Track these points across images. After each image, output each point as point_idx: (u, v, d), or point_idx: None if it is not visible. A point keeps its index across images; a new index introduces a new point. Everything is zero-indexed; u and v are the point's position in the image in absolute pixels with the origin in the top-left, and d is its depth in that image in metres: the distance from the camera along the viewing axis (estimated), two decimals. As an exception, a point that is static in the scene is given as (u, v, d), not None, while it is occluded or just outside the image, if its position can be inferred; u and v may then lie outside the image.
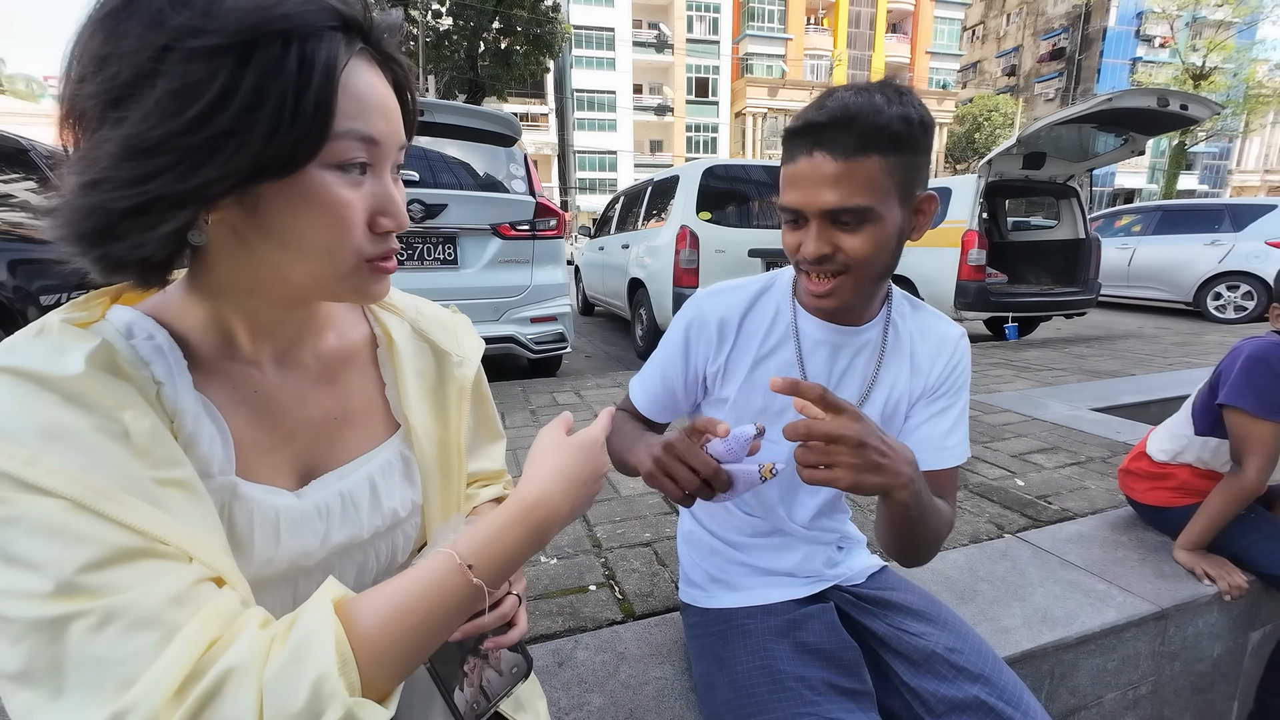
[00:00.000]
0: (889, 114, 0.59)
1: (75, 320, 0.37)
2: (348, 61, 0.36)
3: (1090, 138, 4.46)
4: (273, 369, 0.46)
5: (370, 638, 0.33)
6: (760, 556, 0.84)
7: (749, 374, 0.77)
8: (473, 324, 0.64)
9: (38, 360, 0.32)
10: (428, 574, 0.37)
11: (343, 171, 0.37)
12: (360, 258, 0.40)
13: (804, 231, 0.65)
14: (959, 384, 0.76)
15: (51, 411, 0.31)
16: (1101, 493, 1.56)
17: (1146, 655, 1.07)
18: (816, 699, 0.67)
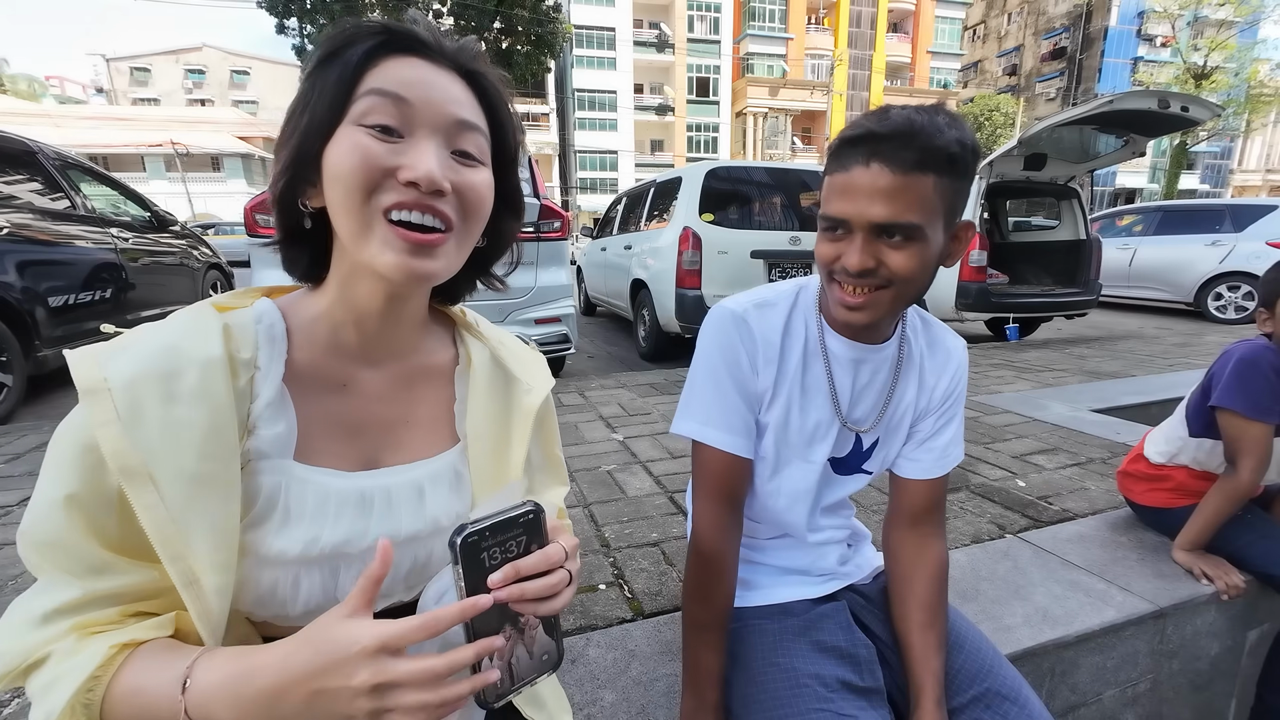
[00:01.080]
0: (948, 135, 0.59)
1: (221, 304, 0.48)
2: (383, 58, 0.44)
3: (1091, 139, 4.48)
4: (364, 367, 0.52)
5: (116, 699, 0.38)
6: (774, 556, 0.86)
7: (788, 397, 0.76)
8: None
9: (182, 338, 0.42)
10: (159, 691, 0.37)
11: (363, 128, 0.43)
12: (376, 208, 0.43)
13: (846, 243, 0.63)
14: (959, 395, 0.80)
15: (152, 386, 0.40)
16: (1101, 493, 1.59)
17: (1145, 653, 1.09)
18: (831, 695, 0.69)
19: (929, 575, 0.77)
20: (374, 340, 0.51)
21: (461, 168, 0.46)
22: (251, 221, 2.63)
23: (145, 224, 4.47)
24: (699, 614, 0.74)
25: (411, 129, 0.44)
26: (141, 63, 36.61)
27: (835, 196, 0.63)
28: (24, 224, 3.11)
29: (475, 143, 0.47)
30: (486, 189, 0.49)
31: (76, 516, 0.39)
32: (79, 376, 0.39)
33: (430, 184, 0.43)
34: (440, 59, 0.46)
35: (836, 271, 0.65)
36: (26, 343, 2.98)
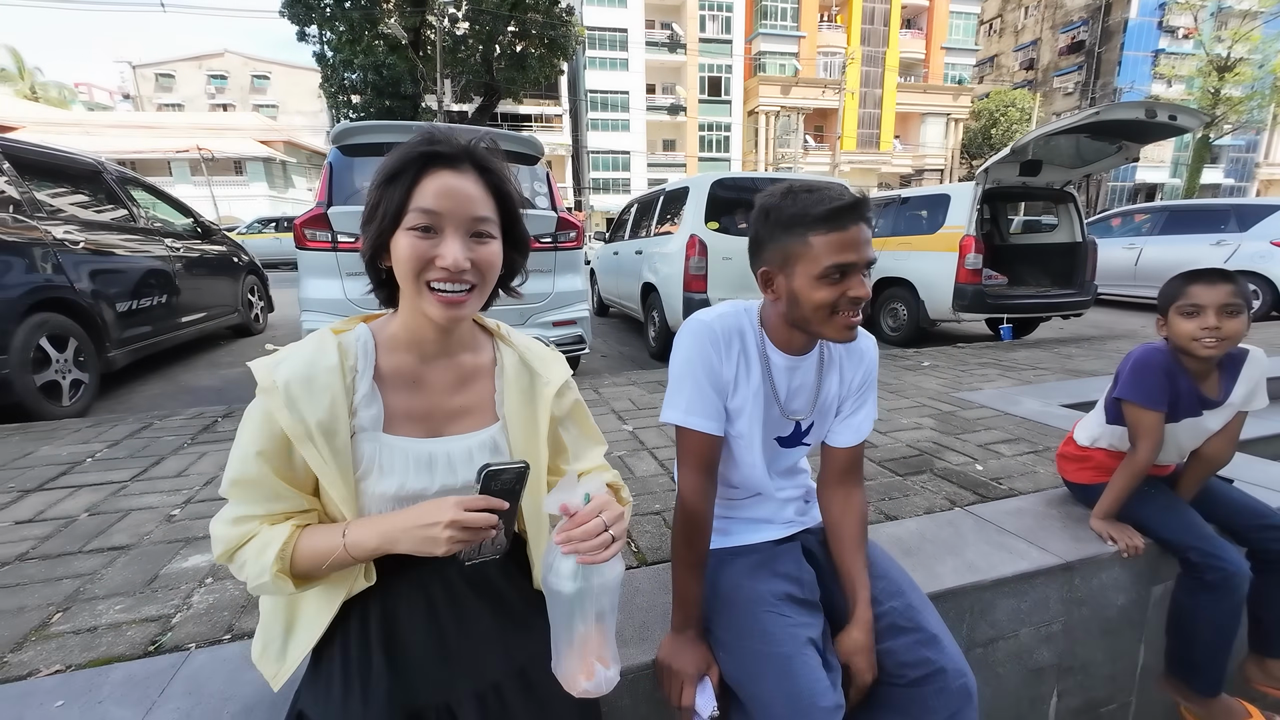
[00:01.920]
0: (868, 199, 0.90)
1: (336, 328, 0.76)
2: (425, 176, 0.69)
3: (1085, 146, 4.64)
4: (430, 368, 0.78)
5: (300, 555, 0.69)
6: (746, 510, 1.12)
7: (745, 391, 1.00)
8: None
9: (315, 354, 0.71)
10: (330, 538, 0.69)
11: (412, 231, 0.68)
12: (422, 281, 0.70)
13: (849, 281, 0.87)
14: (871, 382, 1.07)
15: (299, 387, 0.68)
16: (1048, 476, 1.82)
17: (1056, 600, 1.33)
18: (778, 604, 0.96)
19: (854, 519, 1.04)
20: (433, 351, 0.78)
21: (477, 245, 0.71)
22: (301, 236, 2.92)
23: (191, 232, 4.82)
24: (685, 555, 0.99)
25: (443, 229, 0.69)
26: (166, 69, 37.57)
27: (843, 250, 0.85)
28: (94, 237, 3.46)
29: (486, 225, 0.71)
30: (496, 256, 0.74)
31: (264, 463, 0.68)
32: (260, 378, 0.68)
33: (456, 268, 0.68)
34: (462, 163, 0.70)
35: (843, 304, 0.88)
36: (99, 344, 3.33)
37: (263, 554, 0.67)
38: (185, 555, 1.37)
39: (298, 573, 0.69)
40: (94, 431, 2.34)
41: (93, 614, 1.14)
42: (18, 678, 0.96)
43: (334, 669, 0.71)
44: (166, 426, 2.39)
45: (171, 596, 1.20)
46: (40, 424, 2.51)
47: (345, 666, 0.71)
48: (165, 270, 4.11)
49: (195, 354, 4.72)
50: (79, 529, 1.50)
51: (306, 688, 0.74)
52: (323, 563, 0.68)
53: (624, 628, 1.09)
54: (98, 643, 1.06)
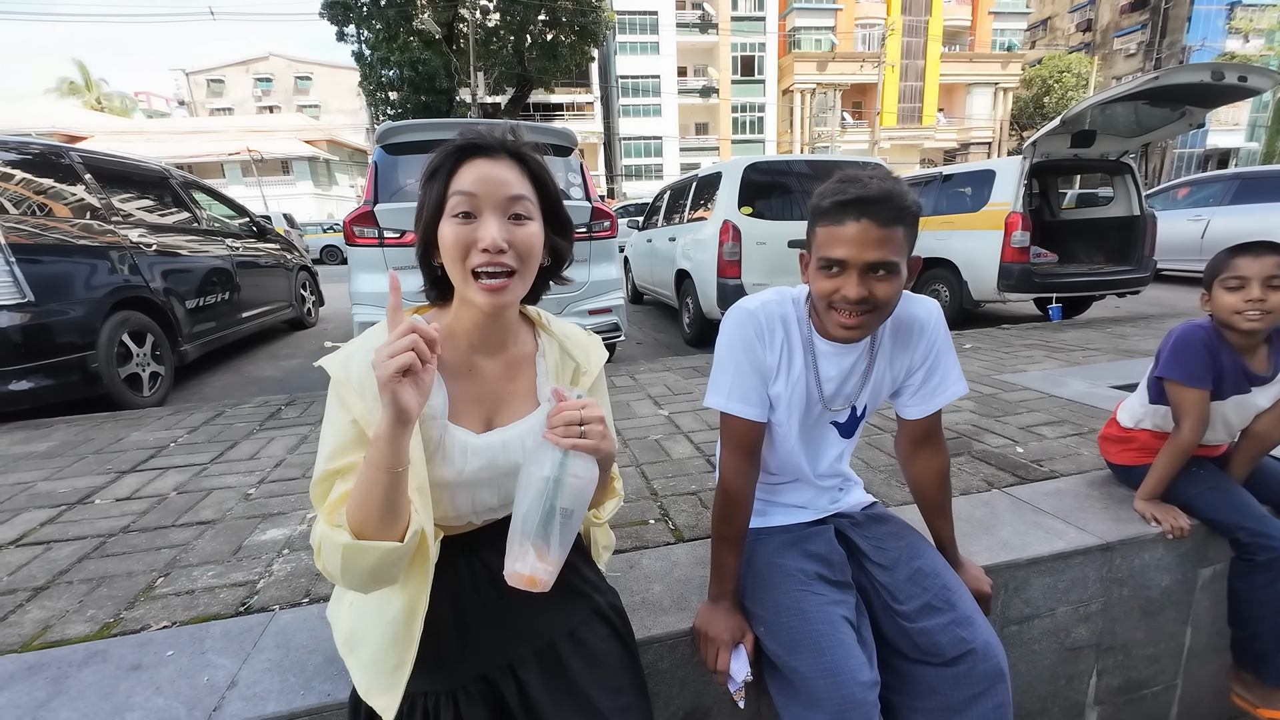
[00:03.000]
0: (910, 199, 0.85)
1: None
2: (462, 165, 0.72)
3: (1143, 113, 4.39)
4: (482, 358, 0.82)
5: (348, 506, 0.65)
6: (783, 495, 1.17)
7: (789, 379, 1.01)
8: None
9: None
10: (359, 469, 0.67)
11: (454, 218, 0.71)
12: (468, 269, 0.71)
13: (844, 278, 0.86)
14: (939, 347, 1.05)
15: (374, 380, 0.68)
16: (1092, 458, 1.79)
17: (1095, 579, 1.33)
18: (810, 582, 1.00)
19: (933, 482, 1.12)
20: (484, 340, 0.81)
21: (515, 227, 0.72)
22: (350, 233, 3.08)
23: (248, 232, 5.11)
24: (724, 531, 1.05)
25: (481, 211, 0.71)
26: (216, 74, 39.30)
27: (835, 244, 0.85)
28: (164, 240, 3.72)
29: (523, 206, 0.73)
30: (535, 237, 0.74)
31: (353, 449, 0.70)
32: (334, 377, 0.71)
33: (494, 246, 0.70)
34: (498, 153, 0.73)
35: (836, 301, 0.88)
36: (172, 339, 3.60)
37: (321, 518, 0.68)
38: (264, 529, 1.51)
39: (351, 516, 0.64)
40: (174, 419, 2.56)
41: (189, 579, 1.29)
42: (134, 630, 1.10)
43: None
44: (237, 414, 2.59)
45: (255, 565, 1.34)
46: (128, 412, 2.75)
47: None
48: (226, 269, 4.39)
49: (256, 347, 5.02)
50: (171, 505, 1.67)
51: None
52: (357, 488, 0.64)
53: (662, 597, 1.16)
54: (196, 603, 1.19)
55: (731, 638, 0.99)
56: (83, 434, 2.39)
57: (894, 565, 1.05)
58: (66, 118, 26.46)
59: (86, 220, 3.17)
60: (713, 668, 0.99)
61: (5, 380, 2.65)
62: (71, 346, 2.85)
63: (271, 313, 5.16)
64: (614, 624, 0.91)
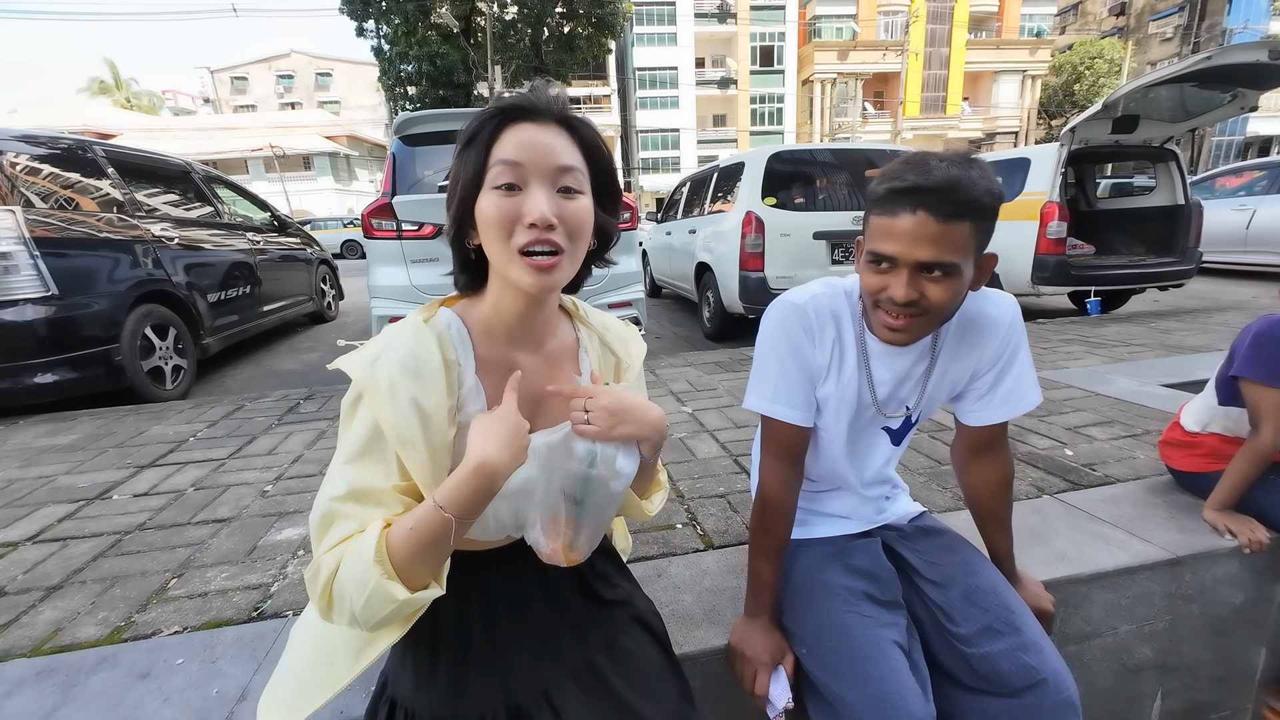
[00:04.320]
0: (982, 188, 0.71)
1: (425, 318, 0.68)
2: (505, 130, 0.63)
3: (1191, 96, 4.16)
4: (522, 353, 0.73)
5: (395, 547, 0.57)
6: (825, 504, 1.08)
7: (838, 380, 0.92)
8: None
9: (417, 346, 0.63)
10: (421, 514, 0.58)
11: (496, 190, 0.61)
12: (513, 247, 0.62)
13: (892, 276, 0.76)
14: (1013, 348, 0.92)
15: (407, 383, 0.61)
16: (1148, 462, 1.67)
17: (1161, 595, 1.23)
18: (857, 602, 0.92)
19: (993, 493, 1.01)
20: (525, 331, 0.71)
21: (565, 201, 0.63)
22: (368, 225, 3.04)
23: (269, 226, 5.13)
24: (764, 543, 0.97)
25: (527, 182, 0.61)
26: (240, 72, 39.89)
27: (884, 237, 0.75)
28: (186, 233, 3.74)
29: (574, 178, 0.63)
30: (586, 213, 0.65)
31: (368, 465, 0.61)
32: (357, 379, 0.60)
33: (543, 222, 0.60)
34: (544, 117, 0.63)
35: (882, 300, 0.78)
36: (195, 332, 3.62)
37: (359, 556, 0.56)
38: (280, 529, 1.47)
39: (398, 562, 0.57)
40: (195, 413, 2.55)
41: (203, 580, 1.25)
42: (144, 636, 1.07)
43: (431, 662, 0.71)
44: (257, 408, 2.58)
45: (269, 567, 1.30)
46: (151, 405, 2.76)
47: (443, 659, 0.71)
48: (248, 262, 4.40)
49: (277, 340, 5.05)
50: (188, 501, 1.65)
51: (395, 677, 0.74)
52: (419, 534, 0.57)
53: (692, 609, 1.09)
54: (209, 607, 1.15)
55: (770, 658, 0.92)
56: (105, 427, 2.39)
57: (948, 583, 0.96)
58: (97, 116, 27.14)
59: (110, 214, 3.19)
60: (750, 690, 0.92)
61: (31, 373, 2.67)
62: (95, 340, 2.86)
63: (292, 306, 5.19)
64: (654, 629, 0.85)
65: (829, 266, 4.00)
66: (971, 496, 1.06)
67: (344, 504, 0.60)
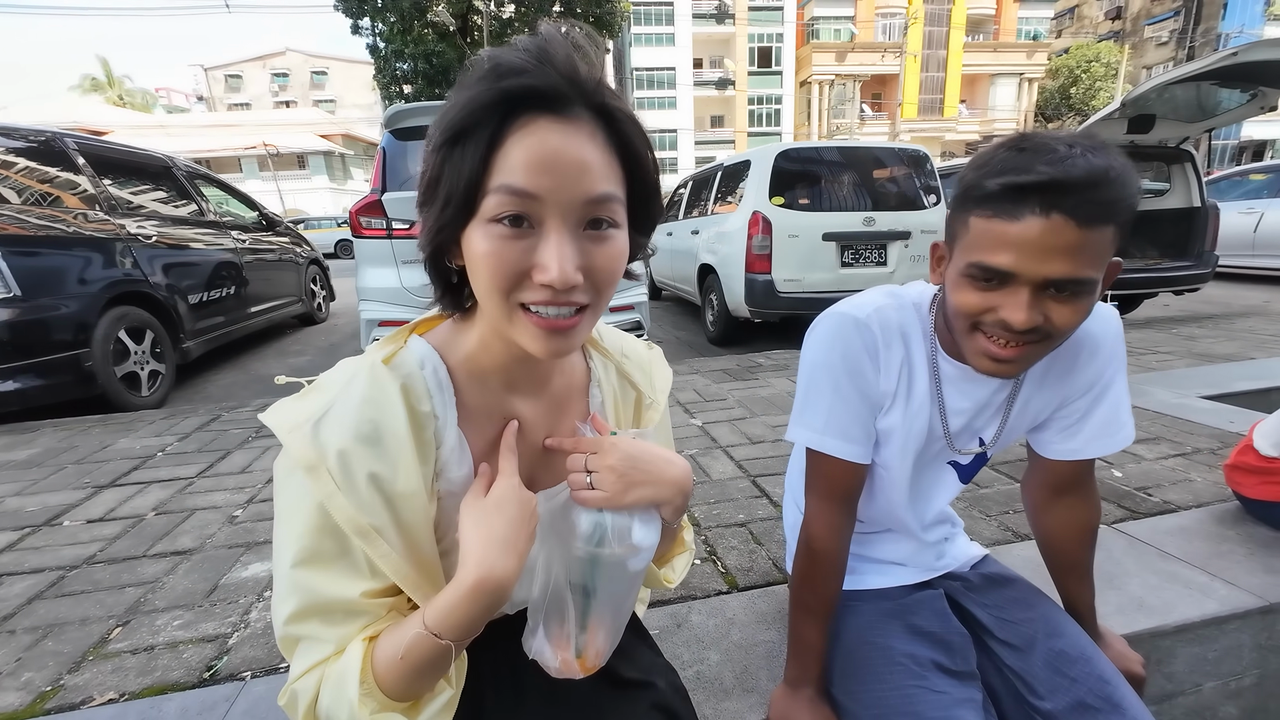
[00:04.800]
0: (1132, 182, 0.55)
1: (386, 356, 0.50)
2: (513, 130, 0.42)
3: (1209, 95, 4.04)
4: (520, 399, 0.56)
5: (382, 672, 0.45)
6: (874, 548, 0.92)
7: (906, 407, 0.77)
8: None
9: (374, 402, 0.46)
10: (411, 634, 0.45)
11: (496, 223, 0.42)
12: (514, 303, 0.45)
13: (1007, 295, 0.59)
14: (1108, 378, 0.76)
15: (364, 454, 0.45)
16: (1208, 486, 1.53)
17: (1250, 648, 1.08)
18: (925, 674, 0.75)
19: (1080, 540, 0.86)
20: (525, 377, 0.56)
21: (594, 246, 0.45)
22: (357, 224, 2.88)
23: (257, 225, 4.95)
24: (809, 600, 0.81)
25: (542, 219, 0.43)
26: (234, 70, 39.59)
27: (1000, 248, 0.57)
28: (166, 231, 3.56)
29: (608, 210, 0.45)
30: (617, 260, 0.47)
31: (324, 570, 0.46)
32: (296, 453, 0.44)
33: (564, 284, 0.43)
34: (572, 108, 0.43)
35: (988, 324, 0.62)
36: (174, 336, 3.43)
37: (342, 689, 0.45)
38: (246, 563, 1.30)
39: (393, 691, 0.46)
40: (167, 424, 2.38)
41: (151, 630, 1.08)
42: (72, 706, 0.90)
43: None
44: (234, 419, 2.41)
45: (229, 612, 1.13)
46: (120, 415, 2.58)
47: None
48: (234, 262, 4.22)
49: (264, 343, 4.87)
50: (146, 529, 1.48)
51: None
52: (411, 663, 0.45)
53: (721, 672, 0.93)
54: (154, 665, 0.99)
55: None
56: (68, 440, 2.22)
57: (1028, 646, 0.81)
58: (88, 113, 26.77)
59: (82, 210, 3.00)
60: None
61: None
62: (63, 344, 2.68)
63: (280, 308, 5.00)
64: (679, 715, 0.69)
65: (839, 270, 3.85)
66: (1049, 543, 0.90)
67: (303, 625, 0.47)
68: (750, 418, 2.20)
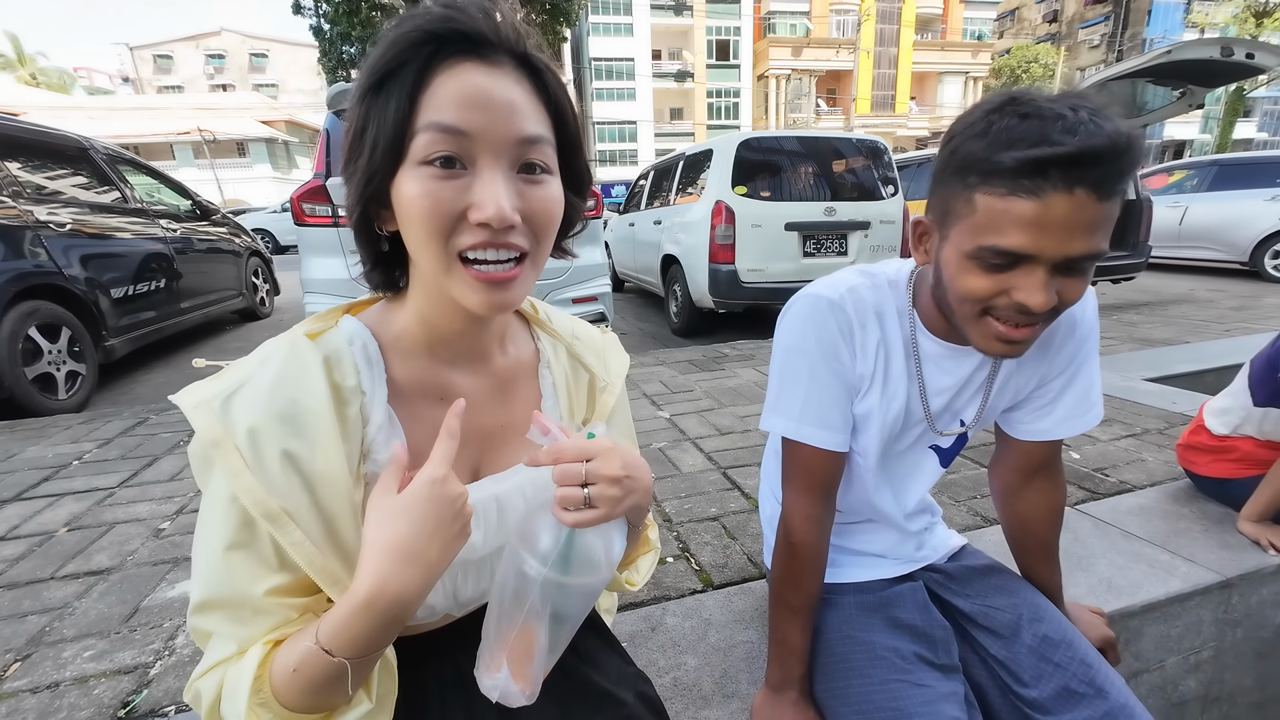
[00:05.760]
0: (1139, 144, 0.52)
1: (313, 332, 0.47)
2: (438, 71, 0.41)
3: (1143, 92, 4.26)
4: (460, 375, 0.53)
5: (278, 683, 0.41)
6: (854, 540, 0.89)
7: (884, 390, 0.74)
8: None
9: (291, 375, 0.43)
10: (303, 657, 0.40)
11: (427, 165, 0.41)
12: (452, 251, 0.43)
13: (1020, 276, 0.55)
14: (1082, 355, 0.75)
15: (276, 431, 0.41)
16: (1160, 465, 1.58)
17: (1210, 622, 1.11)
18: (908, 667, 0.73)
19: (1049, 522, 0.84)
20: (464, 348, 0.52)
21: (529, 187, 0.44)
22: (299, 210, 2.69)
23: (189, 214, 4.61)
24: (789, 598, 0.77)
25: (474, 158, 0.42)
26: (164, 50, 37.01)
27: (1019, 228, 0.52)
28: (83, 219, 3.25)
29: (540, 152, 0.44)
30: (555, 203, 0.46)
31: (239, 562, 0.41)
32: (201, 429, 0.40)
33: (501, 222, 0.41)
34: (497, 54, 0.42)
35: (1001, 308, 0.58)
36: (95, 333, 3.15)
37: (235, 697, 0.41)
38: (173, 581, 1.18)
39: (288, 704, 0.41)
40: (86, 429, 2.16)
41: (57, 664, 0.95)
42: (-47, 760, 0.78)
43: None
44: (164, 421, 2.21)
45: (152, 637, 1.01)
46: (30, 421, 2.33)
47: None
48: (164, 253, 3.91)
49: (201, 339, 4.56)
50: (56, 548, 1.32)
51: None
52: (305, 677, 0.40)
53: (699, 677, 0.88)
54: (58, 705, 0.87)
55: None
56: (-33, 450, 1.99)
57: (1012, 633, 0.79)
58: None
59: (-21, 195, 2.70)
60: None
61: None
62: (-41, 344, 2.41)
63: (218, 302, 4.68)
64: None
65: (801, 260, 3.87)
66: (1019, 526, 0.88)
67: (208, 617, 0.43)
68: (718, 408, 2.16)
